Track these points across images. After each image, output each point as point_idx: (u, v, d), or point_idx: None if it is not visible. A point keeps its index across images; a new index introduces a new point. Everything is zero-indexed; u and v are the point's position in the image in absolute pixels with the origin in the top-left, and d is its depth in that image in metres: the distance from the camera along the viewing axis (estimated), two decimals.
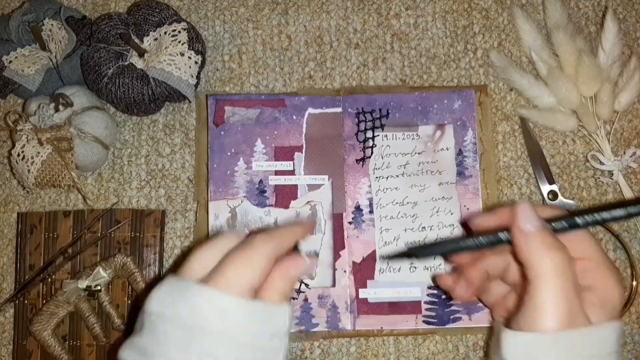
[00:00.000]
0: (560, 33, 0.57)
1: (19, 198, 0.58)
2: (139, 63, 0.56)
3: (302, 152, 0.56)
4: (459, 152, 0.56)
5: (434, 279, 0.53)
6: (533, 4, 0.60)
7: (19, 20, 0.56)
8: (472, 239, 0.40)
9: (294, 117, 0.56)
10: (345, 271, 0.54)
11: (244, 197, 0.55)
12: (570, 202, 0.55)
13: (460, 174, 0.55)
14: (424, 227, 0.55)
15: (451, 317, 0.54)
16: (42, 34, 0.57)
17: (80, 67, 0.56)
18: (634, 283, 0.54)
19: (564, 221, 0.39)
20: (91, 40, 0.56)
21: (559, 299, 0.36)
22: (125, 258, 0.53)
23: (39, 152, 0.53)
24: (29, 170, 0.53)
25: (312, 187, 0.56)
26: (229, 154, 0.56)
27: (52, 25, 0.57)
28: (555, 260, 0.37)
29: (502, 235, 0.39)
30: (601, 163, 0.56)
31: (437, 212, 0.55)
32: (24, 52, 0.57)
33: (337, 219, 0.55)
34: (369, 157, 0.56)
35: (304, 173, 0.56)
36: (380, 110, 0.57)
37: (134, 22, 0.56)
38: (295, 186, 0.55)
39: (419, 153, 0.56)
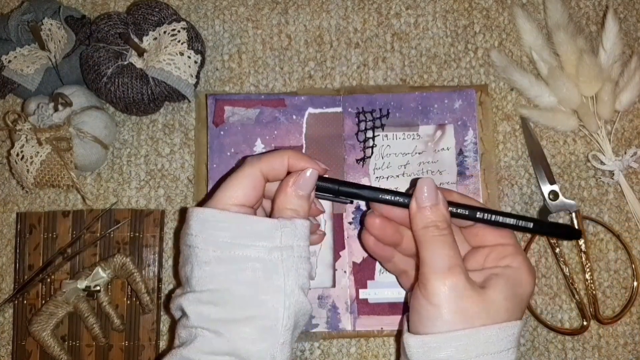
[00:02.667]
0: (561, 32, 0.56)
1: (18, 198, 0.58)
2: (138, 63, 0.56)
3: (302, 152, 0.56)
4: (460, 152, 0.56)
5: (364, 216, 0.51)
6: (534, 4, 0.60)
7: (18, 20, 0.56)
8: (388, 194, 0.45)
9: (294, 116, 0.56)
10: (345, 272, 0.54)
11: None
12: (571, 202, 0.55)
13: (461, 174, 0.55)
14: None
15: None
16: (41, 34, 0.57)
17: (79, 67, 0.56)
18: (635, 283, 0.54)
19: (468, 211, 0.45)
20: (90, 40, 0.56)
21: (443, 252, 0.41)
22: (124, 258, 0.53)
23: (38, 152, 0.53)
24: (28, 170, 0.53)
25: None
26: (228, 154, 0.56)
27: (51, 24, 0.57)
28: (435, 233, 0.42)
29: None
30: (602, 163, 0.55)
31: None
32: (23, 51, 0.57)
33: (337, 219, 0.55)
34: (369, 157, 0.56)
35: None
36: (380, 110, 0.56)
37: (133, 22, 0.56)
38: None
39: (419, 153, 0.56)
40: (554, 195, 0.55)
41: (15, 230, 0.56)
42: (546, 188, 0.55)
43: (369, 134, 0.56)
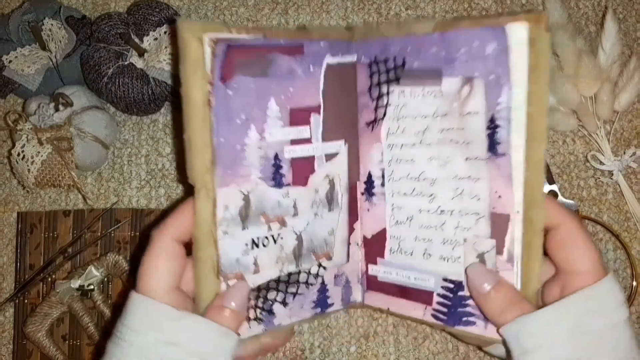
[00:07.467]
0: (560, 33, 0.57)
1: (19, 198, 0.58)
2: (138, 63, 0.56)
3: (319, 114, 0.45)
4: (491, 120, 0.41)
5: None
6: (533, 4, 0.60)
7: (18, 20, 0.56)
8: None
9: (311, 68, 0.45)
10: (358, 244, 0.49)
11: (259, 178, 0.43)
12: (571, 202, 0.55)
13: (492, 148, 0.41)
14: (442, 211, 0.44)
15: (463, 318, 0.44)
16: (42, 34, 0.57)
17: (80, 67, 0.56)
18: (634, 283, 0.54)
19: None
20: (91, 40, 0.56)
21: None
22: (117, 256, 0.53)
23: (39, 152, 0.53)
24: (29, 170, 0.53)
25: (329, 157, 0.47)
26: (238, 121, 0.42)
27: (52, 24, 0.57)
28: None
29: None
30: (601, 163, 0.56)
31: (460, 194, 0.43)
32: (24, 51, 0.57)
33: (351, 191, 0.48)
34: (382, 118, 0.46)
35: (322, 139, 0.46)
36: (395, 58, 0.45)
37: (133, 22, 0.56)
38: (312, 157, 0.46)
39: (441, 116, 0.43)
40: (553, 195, 0.55)
41: (16, 230, 0.56)
42: (545, 188, 0.56)
43: (383, 89, 0.46)
